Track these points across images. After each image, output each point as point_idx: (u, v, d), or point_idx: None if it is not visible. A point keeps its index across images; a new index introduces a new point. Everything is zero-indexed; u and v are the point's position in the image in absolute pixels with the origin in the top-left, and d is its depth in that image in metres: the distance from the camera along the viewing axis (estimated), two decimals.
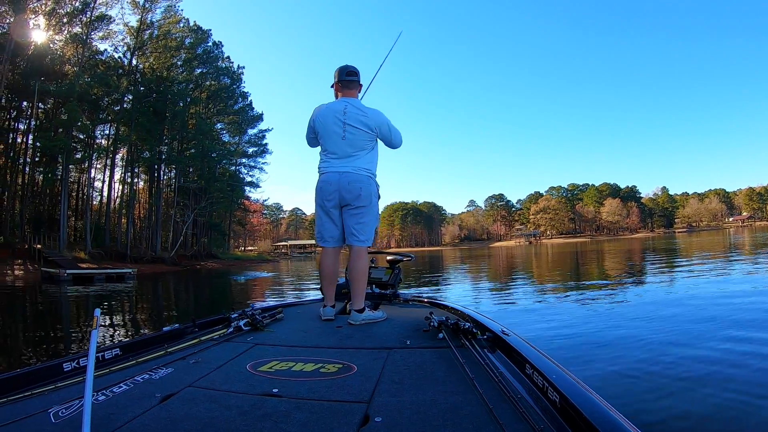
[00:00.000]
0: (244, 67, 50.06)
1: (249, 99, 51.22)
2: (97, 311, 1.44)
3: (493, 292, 11.70)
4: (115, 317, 9.78)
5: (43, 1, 31.55)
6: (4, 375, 1.73)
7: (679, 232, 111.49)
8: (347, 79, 3.10)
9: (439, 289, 12.82)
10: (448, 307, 3.07)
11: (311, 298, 4.32)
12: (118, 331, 7.75)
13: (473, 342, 2.04)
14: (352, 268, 3.00)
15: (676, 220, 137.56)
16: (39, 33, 31.71)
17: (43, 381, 1.76)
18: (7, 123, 32.55)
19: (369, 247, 3.10)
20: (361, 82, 3.19)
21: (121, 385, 1.65)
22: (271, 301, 10.33)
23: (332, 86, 3.19)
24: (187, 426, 1.29)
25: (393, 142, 3.19)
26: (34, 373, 1.80)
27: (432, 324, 2.33)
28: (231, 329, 2.53)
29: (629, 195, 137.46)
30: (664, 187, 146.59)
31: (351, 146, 2.99)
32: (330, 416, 1.34)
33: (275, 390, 1.58)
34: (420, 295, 4.12)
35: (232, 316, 2.69)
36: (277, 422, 1.30)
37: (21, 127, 33.71)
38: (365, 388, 1.58)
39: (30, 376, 1.77)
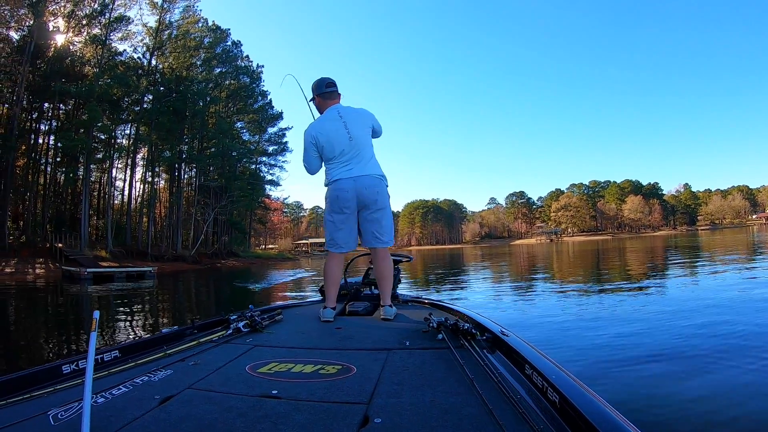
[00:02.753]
0: (263, 66, 49.58)
1: (269, 97, 50.37)
2: (96, 313, 1.43)
3: (516, 293, 10.82)
4: (135, 316, 9.57)
5: (62, 4, 31.23)
6: (2, 377, 1.68)
7: (701, 230, 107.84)
8: (328, 91, 3.13)
9: (459, 290, 11.80)
10: (447, 308, 3.01)
11: (310, 299, 4.18)
12: (138, 329, 7.73)
13: (472, 343, 1.99)
14: (383, 268, 3.05)
15: (698, 218, 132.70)
16: (58, 35, 31.48)
17: (42, 383, 1.71)
18: (28, 124, 32.25)
19: (391, 246, 3.12)
20: (339, 92, 3.19)
21: (120, 387, 1.62)
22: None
23: (311, 101, 3.22)
24: (187, 428, 1.27)
25: (380, 132, 3.26)
26: (32, 375, 1.75)
27: (431, 325, 2.28)
28: (230, 331, 2.46)
29: (651, 192, 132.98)
30: (687, 184, 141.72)
31: (358, 146, 3.00)
32: (329, 417, 1.31)
33: (274, 391, 1.55)
34: (419, 296, 3.96)
35: (231, 318, 2.61)
36: (276, 424, 1.28)
37: (42, 128, 33.42)
38: (365, 390, 1.55)
39: (29, 378, 1.72)
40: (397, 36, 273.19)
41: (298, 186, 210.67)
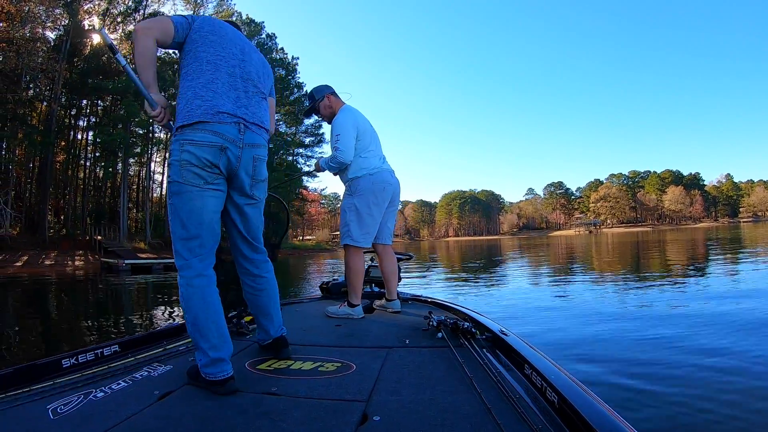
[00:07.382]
0: (298, 58, 46.94)
1: (305, 89, 48.24)
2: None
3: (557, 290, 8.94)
4: (173, 306, 9.15)
5: (97, 2, 29.89)
6: (2, 371, 1.63)
7: (744, 222, 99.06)
8: (335, 92, 2.97)
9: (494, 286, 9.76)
10: (447, 307, 2.88)
11: (310, 296, 3.84)
12: (178, 318, 7.36)
13: (472, 342, 1.90)
14: (392, 264, 2.95)
15: (740, 209, 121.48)
16: (94, 33, 30.46)
17: (42, 377, 1.66)
18: (67, 120, 31.32)
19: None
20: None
21: (120, 382, 1.57)
22: None
23: (320, 104, 2.91)
24: (186, 424, 1.23)
25: None
26: (32, 369, 1.69)
27: (431, 323, 2.18)
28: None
29: (692, 182, 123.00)
30: (729, 174, 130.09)
31: (378, 140, 2.92)
32: (328, 415, 1.27)
33: (274, 388, 1.50)
34: (420, 294, 3.61)
35: (231, 314, 2.45)
36: (275, 421, 1.24)
37: (81, 124, 32.53)
38: (364, 387, 1.50)
39: (28, 372, 1.67)
40: (437, 19, 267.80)
41: (335, 177, 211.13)
